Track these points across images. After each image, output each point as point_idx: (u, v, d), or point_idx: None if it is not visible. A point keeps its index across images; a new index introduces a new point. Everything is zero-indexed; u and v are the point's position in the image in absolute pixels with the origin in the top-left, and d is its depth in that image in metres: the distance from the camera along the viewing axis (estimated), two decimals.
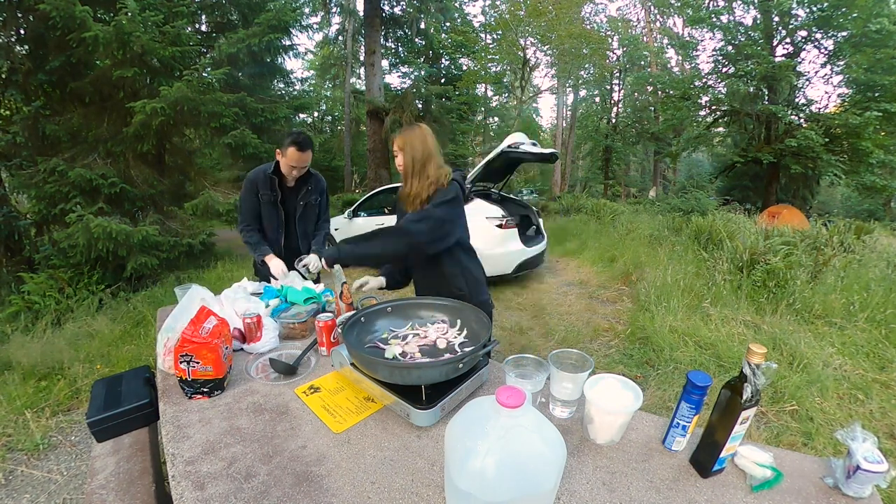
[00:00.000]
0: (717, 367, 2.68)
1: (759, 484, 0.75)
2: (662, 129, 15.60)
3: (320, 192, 2.26)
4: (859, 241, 5.32)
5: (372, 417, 0.96)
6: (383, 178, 10.88)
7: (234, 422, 0.95)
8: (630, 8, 21.34)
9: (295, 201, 2.17)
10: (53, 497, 1.83)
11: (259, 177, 2.08)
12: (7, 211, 4.24)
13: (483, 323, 1.11)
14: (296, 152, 1.94)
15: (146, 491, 1.11)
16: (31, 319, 3.44)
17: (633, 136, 19.30)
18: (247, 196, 2.11)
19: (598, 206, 10.70)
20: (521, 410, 0.58)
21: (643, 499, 0.73)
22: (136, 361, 2.84)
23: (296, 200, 2.17)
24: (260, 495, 0.73)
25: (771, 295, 3.59)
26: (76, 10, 3.67)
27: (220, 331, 1.10)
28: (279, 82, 8.04)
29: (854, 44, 10.76)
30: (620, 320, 3.79)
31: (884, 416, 2.21)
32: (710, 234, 5.66)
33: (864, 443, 0.72)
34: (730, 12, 13.27)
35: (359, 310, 1.20)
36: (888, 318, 3.05)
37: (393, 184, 6.46)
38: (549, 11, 12.48)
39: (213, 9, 5.81)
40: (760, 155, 12.11)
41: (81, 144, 4.54)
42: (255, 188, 2.09)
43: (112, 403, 1.26)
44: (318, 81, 23.10)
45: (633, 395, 0.86)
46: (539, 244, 5.02)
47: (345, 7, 16.09)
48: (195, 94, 4.19)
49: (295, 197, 2.17)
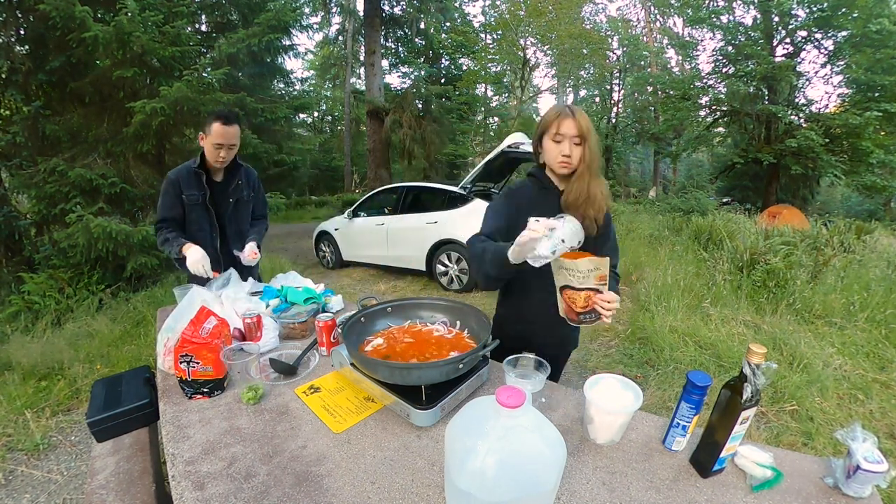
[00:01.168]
0: (717, 367, 2.68)
1: (759, 484, 0.75)
2: (662, 130, 15.60)
3: (253, 187, 2.05)
4: (859, 241, 5.32)
5: (372, 417, 0.96)
6: (383, 178, 10.88)
7: (234, 422, 0.95)
8: (630, 8, 21.38)
9: (225, 198, 1.95)
10: (53, 497, 1.83)
11: (182, 175, 1.85)
12: (7, 211, 4.24)
13: (483, 323, 1.11)
14: (221, 126, 1.74)
15: (146, 491, 1.11)
16: (31, 319, 3.44)
17: (633, 136, 19.30)
18: (166, 199, 1.85)
19: None
20: (521, 410, 0.58)
21: (643, 499, 0.73)
22: (136, 361, 2.84)
23: (226, 197, 1.95)
24: (260, 495, 0.73)
25: (771, 295, 3.59)
26: (76, 10, 3.67)
27: (220, 331, 1.10)
28: (279, 82, 8.03)
29: (854, 44, 10.76)
30: (620, 320, 3.79)
31: (884, 416, 2.21)
32: (710, 234, 5.66)
33: (864, 443, 0.72)
34: (730, 12, 13.28)
35: (359, 310, 1.20)
36: (888, 318, 3.05)
37: (393, 184, 6.46)
38: (549, 11, 12.48)
39: (213, 9, 5.80)
40: (760, 155, 12.12)
41: (81, 144, 4.54)
42: (179, 190, 1.84)
43: (112, 403, 1.26)
44: (318, 81, 23.11)
45: (633, 395, 0.86)
46: None
47: (345, 7, 16.09)
48: (195, 94, 4.18)
49: (225, 193, 1.94)
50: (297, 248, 7.81)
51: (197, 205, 1.88)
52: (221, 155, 1.81)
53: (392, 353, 1.07)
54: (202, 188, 1.87)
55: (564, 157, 1.11)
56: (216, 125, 1.74)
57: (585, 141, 1.10)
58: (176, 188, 1.84)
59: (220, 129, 1.75)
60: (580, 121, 1.09)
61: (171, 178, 1.85)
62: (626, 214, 9.59)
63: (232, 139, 1.80)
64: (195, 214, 1.90)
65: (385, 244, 5.36)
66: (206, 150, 1.82)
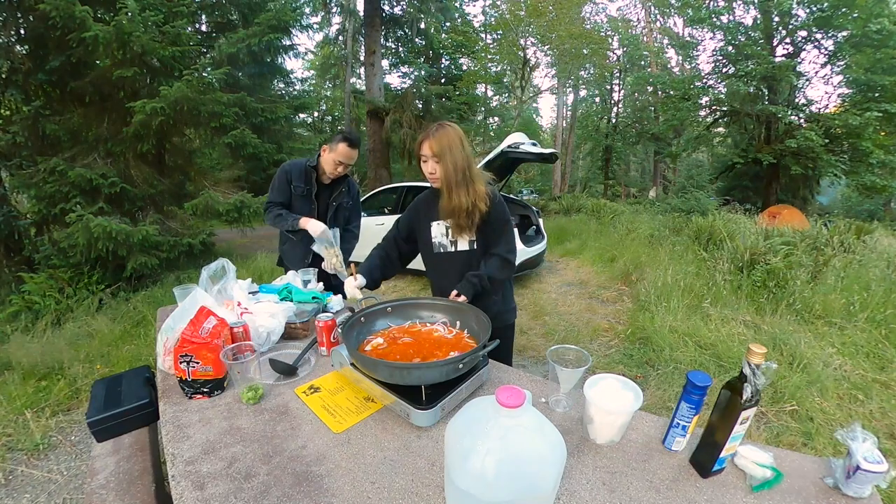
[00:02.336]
0: (717, 367, 2.68)
1: (759, 484, 0.75)
2: (662, 130, 15.60)
3: (353, 197, 2.22)
4: (859, 242, 5.32)
5: (372, 417, 0.96)
6: (383, 178, 10.88)
7: (234, 422, 0.95)
8: (630, 8, 21.35)
9: (328, 200, 2.13)
10: (53, 497, 1.83)
11: (295, 168, 2.05)
12: (7, 211, 4.24)
13: (483, 323, 1.11)
14: (346, 148, 1.93)
15: (146, 491, 1.11)
16: (31, 319, 3.44)
17: (633, 136, 19.29)
18: (279, 183, 2.06)
19: (597, 206, 10.71)
20: (521, 410, 0.58)
21: (643, 499, 0.73)
22: (136, 361, 2.84)
23: (329, 199, 2.13)
24: (260, 495, 0.73)
25: (771, 295, 3.58)
26: (76, 10, 3.67)
27: (219, 331, 1.10)
28: (279, 82, 8.06)
29: (854, 44, 10.76)
30: (620, 320, 3.79)
31: (884, 416, 2.21)
32: (711, 234, 5.66)
33: (864, 443, 0.72)
34: (730, 12, 13.27)
35: (359, 310, 1.20)
36: (888, 318, 3.04)
37: (393, 184, 6.46)
38: (549, 11, 12.48)
39: (213, 9, 5.81)
40: (760, 155, 12.12)
41: (81, 144, 4.54)
42: (288, 178, 2.04)
43: (112, 403, 1.26)
44: (318, 81, 23.11)
45: (633, 395, 0.86)
46: (539, 244, 5.01)
47: (345, 7, 16.08)
48: (195, 94, 4.19)
49: (328, 195, 2.13)
50: None
51: (302, 196, 2.06)
52: (339, 170, 2.01)
53: (392, 353, 1.07)
54: (310, 183, 2.06)
55: (430, 174, 1.34)
56: (342, 146, 1.93)
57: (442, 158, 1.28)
58: (287, 176, 2.04)
59: (346, 150, 1.93)
60: (433, 143, 1.29)
61: (284, 167, 2.06)
62: (627, 214, 9.60)
63: (353, 160, 2.00)
64: (299, 203, 2.07)
65: None
66: (325, 161, 2.01)
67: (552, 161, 4.87)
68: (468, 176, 1.31)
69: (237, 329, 1.18)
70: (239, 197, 4.93)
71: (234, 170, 6.18)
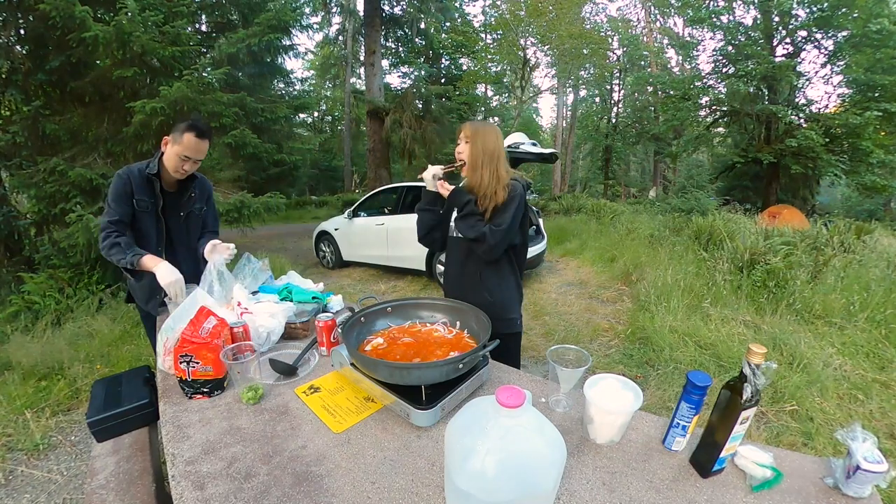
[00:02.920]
0: (717, 367, 2.68)
1: (759, 484, 0.75)
2: (662, 130, 15.60)
3: (205, 200, 1.85)
4: (859, 242, 5.32)
5: (372, 417, 0.96)
6: (383, 178, 10.88)
7: (234, 422, 0.95)
8: (630, 8, 21.38)
9: (177, 210, 1.76)
10: (53, 497, 1.83)
11: (134, 176, 1.63)
12: (7, 211, 4.24)
13: (483, 323, 1.11)
14: (193, 138, 1.57)
15: (146, 491, 1.11)
16: (31, 319, 3.44)
17: (633, 136, 19.30)
18: (117, 195, 1.61)
19: (598, 206, 10.70)
20: (521, 410, 0.58)
21: (643, 499, 0.73)
22: (136, 361, 2.84)
23: (178, 209, 1.76)
24: (260, 495, 0.73)
25: (771, 295, 3.58)
26: (76, 10, 3.67)
27: (219, 331, 1.10)
28: (279, 82, 8.07)
29: (854, 44, 10.76)
30: (620, 320, 3.79)
31: (884, 416, 2.21)
32: (711, 234, 5.65)
33: (864, 443, 0.72)
34: (730, 12, 13.28)
35: (359, 310, 1.20)
36: (888, 318, 3.04)
37: (393, 184, 6.46)
38: (549, 11, 12.49)
39: (213, 9, 5.81)
40: (760, 155, 12.12)
41: (81, 144, 4.54)
42: (131, 190, 1.62)
43: (112, 403, 1.26)
44: (318, 81, 23.14)
45: (633, 395, 0.86)
46: (539, 244, 5.02)
47: (345, 7, 16.09)
48: (195, 94, 4.19)
49: (177, 204, 1.75)
50: (297, 248, 7.81)
51: (146, 213, 1.67)
52: (185, 167, 1.63)
53: (392, 353, 1.07)
54: (154, 196, 1.67)
55: (458, 153, 1.50)
56: (189, 135, 1.57)
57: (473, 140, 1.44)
58: (128, 188, 1.62)
59: (192, 140, 1.58)
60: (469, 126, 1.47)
61: (122, 175, 1.62)
62: (627, 214, 9.59)
63: (201, 153, 1.64)
64: (142, 223, 1.68)
65: (385, 244, 5.36)
66: (168, 158, 1.62)
67: (552, 161, 4.87)
68: (495, 160, 1.42)
69: (237, 329, 1.18)
70: (239, 197, 4.93)
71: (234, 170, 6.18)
